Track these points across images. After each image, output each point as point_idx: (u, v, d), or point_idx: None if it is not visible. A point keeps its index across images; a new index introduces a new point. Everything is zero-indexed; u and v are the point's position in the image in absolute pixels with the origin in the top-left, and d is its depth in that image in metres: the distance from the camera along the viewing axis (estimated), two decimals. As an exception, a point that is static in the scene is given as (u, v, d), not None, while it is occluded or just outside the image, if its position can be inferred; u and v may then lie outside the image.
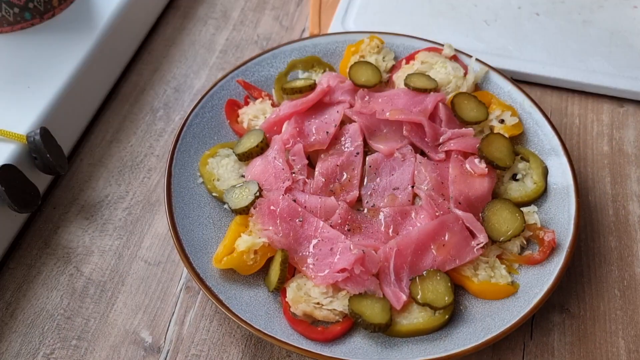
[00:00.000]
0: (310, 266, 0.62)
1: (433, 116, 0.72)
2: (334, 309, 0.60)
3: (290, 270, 0.63)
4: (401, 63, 0.80)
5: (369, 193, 0.68)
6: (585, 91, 0.85)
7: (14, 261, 0.69)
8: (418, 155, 0.69)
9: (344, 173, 0.68)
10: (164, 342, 0.63)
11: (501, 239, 0.64)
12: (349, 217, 0.65)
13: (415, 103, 0.73)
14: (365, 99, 0.73)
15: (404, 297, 0.60)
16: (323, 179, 0.68)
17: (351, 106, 0.73)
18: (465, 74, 0.78)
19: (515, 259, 0.64)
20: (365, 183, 0.68)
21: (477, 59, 0.79)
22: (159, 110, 0.84)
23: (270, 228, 0.63)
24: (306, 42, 0.81)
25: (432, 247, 0.62)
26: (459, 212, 0.64)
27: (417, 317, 0.60)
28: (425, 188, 0.66)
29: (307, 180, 0.68)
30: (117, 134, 0.81)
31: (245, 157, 0.70)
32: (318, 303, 0.60)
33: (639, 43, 0.89)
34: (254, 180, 0.68)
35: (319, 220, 0.64)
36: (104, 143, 0.80)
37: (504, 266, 0.63)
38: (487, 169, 0.67)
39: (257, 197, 0.66)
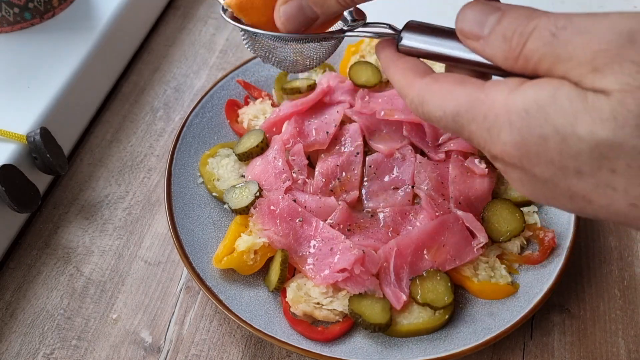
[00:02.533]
0: (310, 266, 0.62)
1: (433, 116, 0.72)
2: (334, 309, 0.60)
3: (290, 270, 0.63)
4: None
5: (368, 193, 0.68)
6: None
7: (14, 261, 0.69)
8: (418, 155, 0.69)
9: (344, 173, 0.68)
10: (164, 342, 0.63)
11: (501, 239, 0.64)
12: (349, 217, 0.65)
13: (415, 103, 0.73)
14: (365, 99, 0.73)
15: (404, 297, 0.60)
16: (323, 179, 0.68)
17: (351, 106, 0.73)
18: (465, 74, 0.77)
19: (515, 259, 0.64)
20: (365, 183, 0.68)
21: (477, 59, 0.78)
22: (159, 110, 0.84)
23: (271, 228, 0.63)
24: (306, 42, 0.81)
25: (430, 250, 0.62)
26: (459, 212, 0.64)
27: (417, 317, 0.60)
28: (425, 188, 0.66)
29: (307, 180, 0.68)
30: (117, 134, 0.81)
31: (245, 157, 0.70)
32: (318, 303, 0.60)
33: (639, 43, 0.89)
34: (254, 180, 0.68)
35: (319, 221, 0.64)
36: (104, 143, 0.80)
37: (504, 266, 0.63)
38: (487, 169, 0.67)
39: (257, 197, 0.66)
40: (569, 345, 0.62)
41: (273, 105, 0.77)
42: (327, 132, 0.70)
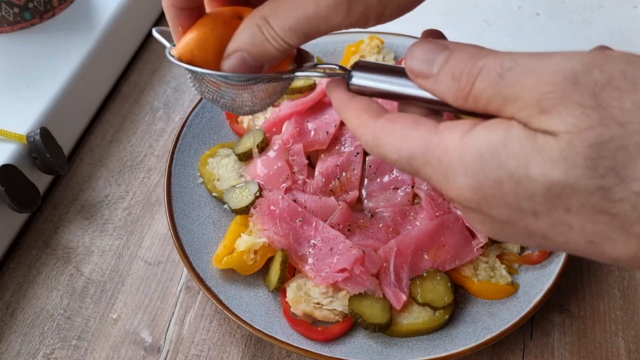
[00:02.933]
0: (310, 266, 0.62)
1: (433, 116, 0.72)
2: (334, 309, 0.60)
3: (290, 270, 0.63)
4: (401, 63, 0.80)
5: (369, 193, 0.68)
6: (585, 91, 0.85)
7: (14, 261, 0.69)
8: (418, 155, 0.69)
9: (344, 173, 0.68)
10: (164, 342, 0.63)
11: (501, 239, 0.64)
12: (349, 217, 0.65)
13: (415, 103, 0.73)
14: (365, 99, 0.73)
15: (404, 297, 0.60)
16: (323, 179, 0.68)
17: (351, 106, 0.73)
18: (465, 74, 0.77)
19: (515, 259, 0.64)
20: (365, 183, 0.68)
21: (477, 59, 0.78)
22: (159, 110, 0.84)
23: (271, 228, 0.63)
24: (306, 42, 0.81)
25: (430, 250, 0.62)
26: (459, 212, 0.64)
27: (417, 317, 0.60)
28: (425, 188, 0.66)
29: (307, 180, 0.68)
30: (117, 134, 0.81)
31: (245, 157, 0.70)
32: (318, 303, 0.60)
33: (639, 43, 0.89)
34: (254, 180, 0.68)
35: (319, 221, 0.64)
36: (104, 143, 0.80)
37: (504, 266, 0.63)
38: (487, 169, 0.67)
39: (257, 197, 0.66)
40: (569, 345, 0.62)
41: (273, 105, 0.77)
42: (327, 132, 0.70)
